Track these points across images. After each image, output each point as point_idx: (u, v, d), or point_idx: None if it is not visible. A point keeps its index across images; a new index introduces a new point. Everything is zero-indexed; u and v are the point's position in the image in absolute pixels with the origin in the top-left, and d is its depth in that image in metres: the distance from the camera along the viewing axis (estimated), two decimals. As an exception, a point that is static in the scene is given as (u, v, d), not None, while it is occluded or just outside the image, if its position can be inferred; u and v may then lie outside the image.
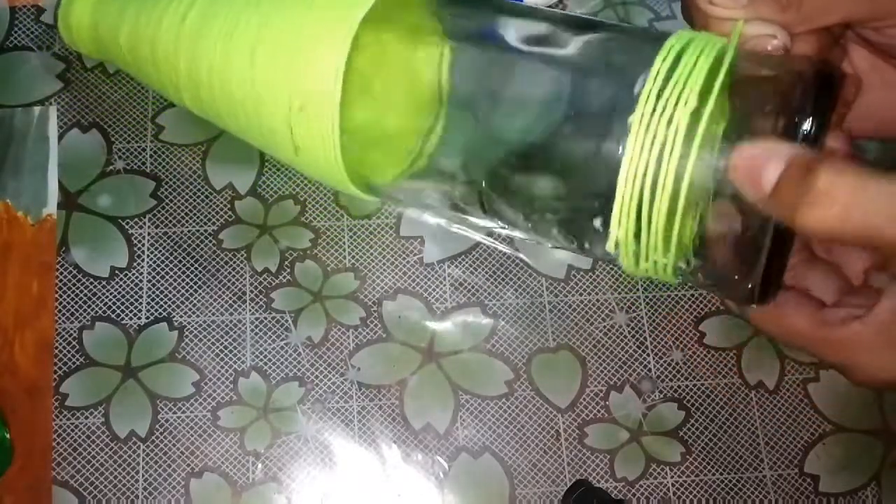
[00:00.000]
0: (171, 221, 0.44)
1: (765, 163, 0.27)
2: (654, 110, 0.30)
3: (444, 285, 0.44)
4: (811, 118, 0.29)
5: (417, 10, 0.38)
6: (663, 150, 0.30)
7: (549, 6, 0.49)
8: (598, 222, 0.33)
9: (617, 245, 0.32)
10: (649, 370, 0.43)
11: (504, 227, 0.37)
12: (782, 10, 0.32)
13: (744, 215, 0.30)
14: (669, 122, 0.30)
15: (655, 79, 0.30)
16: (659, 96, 0.30)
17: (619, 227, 0.31)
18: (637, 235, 0.31)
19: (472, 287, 0.44)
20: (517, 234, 0.38)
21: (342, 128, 0.36)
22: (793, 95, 0.30)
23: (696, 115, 0.29)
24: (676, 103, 0.30)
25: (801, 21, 0.32)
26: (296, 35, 0.36)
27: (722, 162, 0.29)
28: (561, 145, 0.34)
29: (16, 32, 0.47)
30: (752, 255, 0.30)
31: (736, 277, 0.31)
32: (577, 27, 0.36)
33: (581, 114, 0.34)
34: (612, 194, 0.31)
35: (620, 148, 0.30)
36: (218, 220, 0.44)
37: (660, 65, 0.31)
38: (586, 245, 0.35)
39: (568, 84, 0.35)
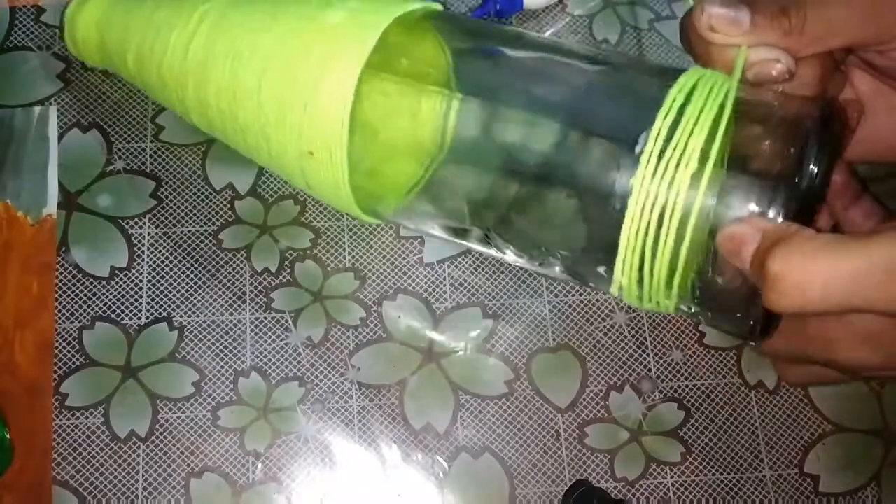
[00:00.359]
0: (171, 221, 0.44)
1: (744, 241, 0.29)
2: (654, 172, 0.30)
3: (444, 285, 0.44)
4: (812, 167, 0.29)
5: (425, 44, 0.38)
6: (664, 211, 0.30)
7: (548, 6, 0.49)
8: (602, 269, 0.33)
9: (620, 289, 0.32)
10: (649, 370, 0.43)
11: (507, 256, 0.38)
12: (785, 34, 0.32)
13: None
14: (671, 183, 0.30)
15: (657, 138, 0.30)
16: (661, 157, 0.30)
17: (623, 275, 0.32)
18: (640, 282, 0.32)
19: (472, 287, 0.44)
20: (520, 263, 0.38)
21: (350, 169, 0.36)
22: (795, 145, 0.30)
23: (697, 174, 0.30)
24: (678, 165, 0.30)
25: (804, 45, 0.32)
26: (300, 77, 0.36)
27: (727, 208, 0.30)
28: (564, 198, 0.35)
29: (16, 32, 0.47)
30: (751, 297, 0.30)
31: (738, 317, 0.32)
32: (584, 61, 0.36)
33: (583, 168, 0.34)
34: (616, 247, 0.31)
35: (622, 205, 0.31)
36: (218, 220, 0.44)
37: (661, 122, 0.31)
38: (590, 284, 0.36)
39: (572, 137, 0.35)
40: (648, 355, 0.43)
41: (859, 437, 0.43)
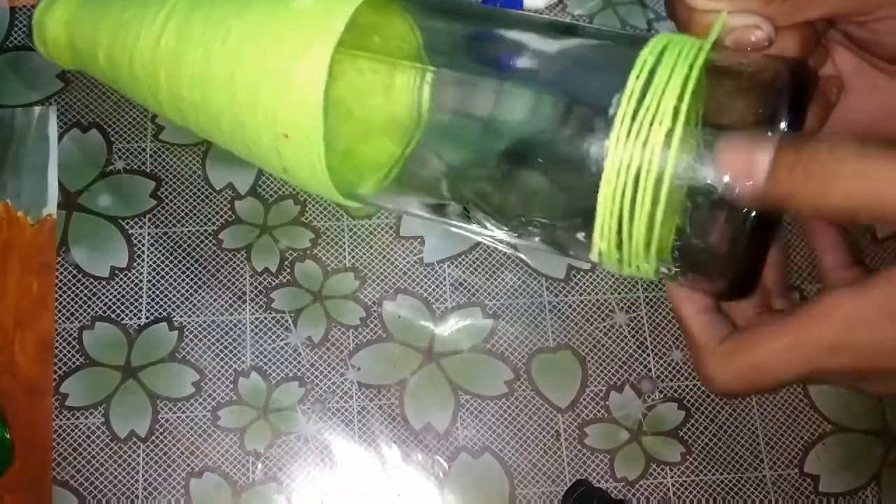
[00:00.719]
0: (171, 221, 0.44)
1: (754, 152, 0.28)
2: (629, 133, 0.30)
3: (444, 285, 0.44)
4: (786, 120, 0.29)
5: (395, 22, 0.38)
6: (640, 171, 0.30)
7: (550, 6, 0.49)
8: (581, 235, 0.33)
9: (600, 254, 0.32)
10: (649, 370, 0.43)
11: (486, 233, 0.38)
12: (766, 1, 0.32)
13: (722, 215, 0.30)
14: (645, 143, 0.30)
15: (630, 99, 0.30)
16: (634, 117, 0.30)
17: (602, 240, 0.32)
18: (619, 246, 0.32)
19: (472, 287, 0.44)
20: (501, 238, 0.38)
21: (327, 149, 0.36)
22: (768, 96, 0.30)
23: (670, 132, 0.30)
24: (651, 124, 0.30)
25: (786, 13, 0.32)
26: (272, 63, 0.36)
27: (703, 164, 0.30)
28: (541, 166, 0.35)
29: (16, 32, 0.47)
30: (729, 253, 0.30)
31: (717, 275, 0.32)
32: (554, 33, 0.36)
33: (558, 135, 0.34)
34: (593, 212, 0.31)
35: (598, 169, 0.31)
36: (218, 220, 0.44)
37: (633, 84, 0.31)
38: (570, 252, 0.36)
39: (546, 105, 0.35)
40: (648, 355, 0.43)
41: (859, 437, 0.43)
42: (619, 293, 0.44)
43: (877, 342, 0.29)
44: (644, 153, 0.30)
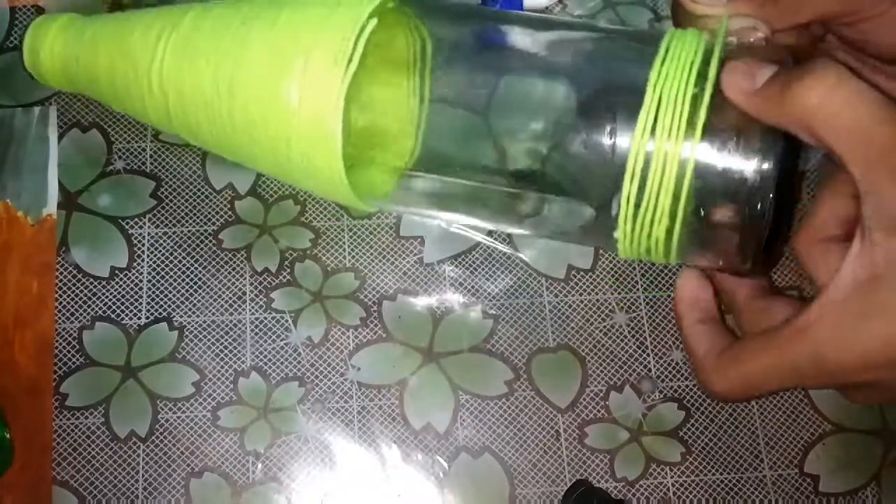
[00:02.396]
0: (171, 221, 0.44)
1: (759, 66, 0.32)
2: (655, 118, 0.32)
3: (444, 285, 0.44)
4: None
5: (400, 28, 0.38)
6: (666, 156, 0.32)
7: (548, 6, 0.49)
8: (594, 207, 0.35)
9: (624, 219, 0.34)
10: (649, 370, 0.43)
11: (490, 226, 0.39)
12: (760, 6, 0.34)
13: (742, 191, 0.32)
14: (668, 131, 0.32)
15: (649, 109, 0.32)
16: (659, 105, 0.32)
17: (627, 204, 0.33)
18: (638, 216, 0.33)
19: (472, 287, 0.44)
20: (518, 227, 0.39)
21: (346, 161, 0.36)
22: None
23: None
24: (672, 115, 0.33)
25: (779, 16, 0.34)
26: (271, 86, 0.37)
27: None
28: (559, 165, 0.36)
29: (16, 32, 0.47)
30: (752, 221, 0.32)
31: (735, 245, 0.33)
32: (552, 26, 0.37)
33: (569, 126, 0.36)
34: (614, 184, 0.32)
35: (621, 153, 0.33)
36: (218, 220, 0.44)
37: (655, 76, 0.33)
38: (587, 233, 0.37)
39: (557, 100, 0.37)
40: (648, 355, 0.43)
41: (859, 437, 0.43)
42: (619, 293, 0.44)
43: (846, 355, 0.30)
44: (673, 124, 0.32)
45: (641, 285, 0.44)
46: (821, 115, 0.29)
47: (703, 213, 0.32)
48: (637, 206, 0.33)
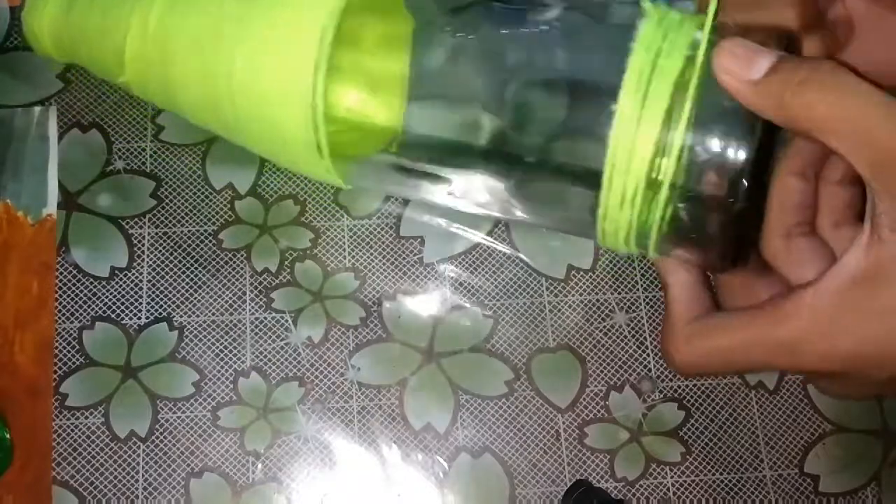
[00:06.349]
0: (171, 221, 0.44)
1: (757, 53, 0.30)
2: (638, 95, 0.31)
3: (444, 285, 0.44)
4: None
5: (390, 16, 0.38)
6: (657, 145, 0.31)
7: None
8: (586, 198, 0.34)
9: (604, 213, 0.33)
10: (649, 370, 0.43)
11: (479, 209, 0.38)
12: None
13: (714, 186, 0.31)
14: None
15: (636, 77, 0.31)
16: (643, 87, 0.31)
17: (610, 192, 0.32)
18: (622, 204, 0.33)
19: (472, 287, 0.44)
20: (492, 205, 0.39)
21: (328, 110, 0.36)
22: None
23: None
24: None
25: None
26: (271, 49, 0.36)
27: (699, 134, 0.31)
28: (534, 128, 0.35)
29: (16, 32, 0.47)
30: (720, 226, 0.31)
31: (706, 246, 0.32)
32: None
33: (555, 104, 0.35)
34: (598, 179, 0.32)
35: (604, 136, 0.32)
36: (218, 220, 0.44)
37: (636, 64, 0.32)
38: (571, 219, 0.36)
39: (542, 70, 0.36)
40: (648, 355, 0.43)
41: (859, 437, 0.43)
42: (619, 293, 0.44)
43: (832, 348, 0.29)
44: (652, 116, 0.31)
45: (641, 285, 0.44)
46: (830, 124, 0.28)
47: (682, 199, 0.32)
48: (617, 189, 0.32)
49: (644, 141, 0.31)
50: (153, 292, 0.43)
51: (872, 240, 0.29)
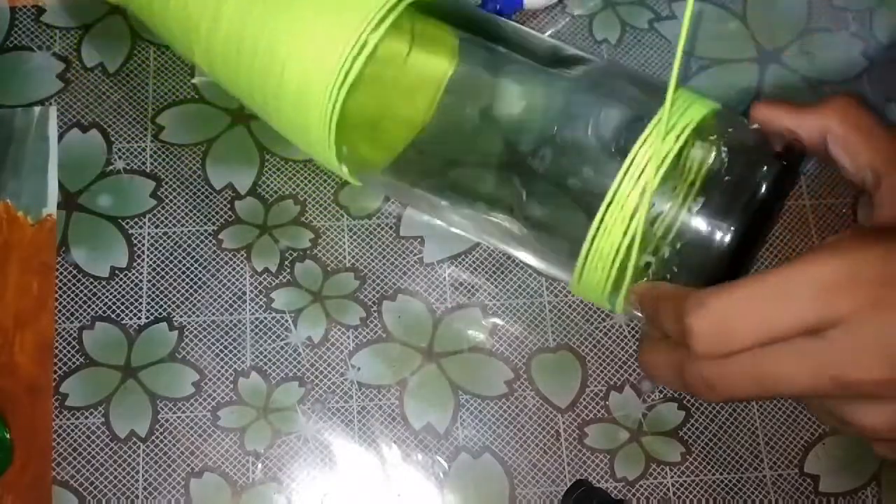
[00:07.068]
0: (171, 221, 0.44)
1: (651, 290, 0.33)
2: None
3: (444, 285, 0.44)
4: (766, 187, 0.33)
5: (436, 23, 0.39)
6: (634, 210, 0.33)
7: (548, 6, 0.49)
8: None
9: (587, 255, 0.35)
10: (649, 370, 0.43)
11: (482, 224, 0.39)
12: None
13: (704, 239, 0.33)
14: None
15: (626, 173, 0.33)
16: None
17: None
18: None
19: (472, 287, 0.44)
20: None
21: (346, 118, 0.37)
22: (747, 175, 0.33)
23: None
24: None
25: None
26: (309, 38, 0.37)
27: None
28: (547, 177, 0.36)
29: (16, 32, 0.47)
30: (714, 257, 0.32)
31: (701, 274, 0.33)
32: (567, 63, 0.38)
33: (564, 146, 0.36)
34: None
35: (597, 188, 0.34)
36: (218, 220, 0.44)
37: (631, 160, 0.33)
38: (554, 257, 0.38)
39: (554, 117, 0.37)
40: (648, 355, 0.43)
41: (859, 438, 0.43)
42: (619, 293, 0.44)
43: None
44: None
45: (641, 285, 0.44)
46: None
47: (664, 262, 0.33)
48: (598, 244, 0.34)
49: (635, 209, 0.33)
50: (153, 292, 0.43)
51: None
